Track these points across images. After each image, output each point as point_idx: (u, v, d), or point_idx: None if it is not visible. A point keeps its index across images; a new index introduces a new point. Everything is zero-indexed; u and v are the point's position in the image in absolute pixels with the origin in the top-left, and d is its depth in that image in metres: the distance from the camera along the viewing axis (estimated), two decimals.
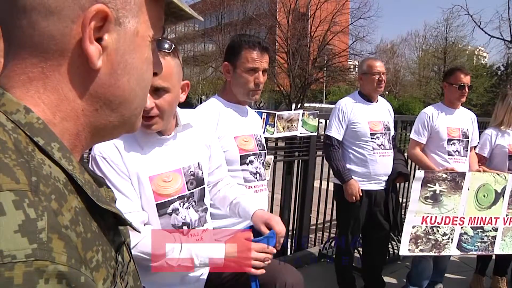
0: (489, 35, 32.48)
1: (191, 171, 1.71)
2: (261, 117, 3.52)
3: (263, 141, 2.50)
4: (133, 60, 0.61)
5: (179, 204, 1.65)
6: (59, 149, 0.55)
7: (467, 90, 3.41)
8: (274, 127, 3.67)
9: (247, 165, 2.29)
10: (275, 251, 1.67)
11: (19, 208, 0.44)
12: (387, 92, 36.46)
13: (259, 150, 2.37)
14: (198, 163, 1.76)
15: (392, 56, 40.32)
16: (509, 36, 31.37)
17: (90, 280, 0.48)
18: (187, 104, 1.94)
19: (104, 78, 0.59)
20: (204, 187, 1.77)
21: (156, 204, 1.59)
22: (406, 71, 39.76)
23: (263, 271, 1.62)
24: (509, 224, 3.40)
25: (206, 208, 1.78)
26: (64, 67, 0.56)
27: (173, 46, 1.53)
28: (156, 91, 1.51)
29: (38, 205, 0.46)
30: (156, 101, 1.52)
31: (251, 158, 2.31)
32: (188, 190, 1.69)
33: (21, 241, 0.43)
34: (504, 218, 3.37)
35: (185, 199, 1.68)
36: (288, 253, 4.18)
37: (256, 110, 3.41)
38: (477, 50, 39.57)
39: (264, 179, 2.43)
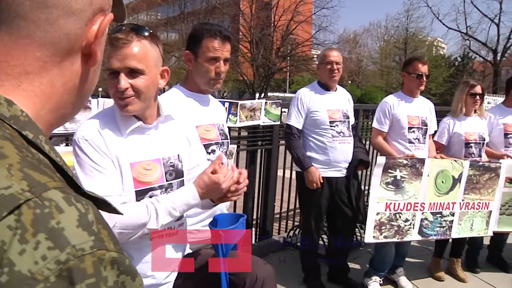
0: (447, 26, 33.54)
1: (170, 162, 1.72)
2: (224, 106, 3.49)
3: (226, 130, 2.48)
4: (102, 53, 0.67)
5: (160, 193, 1.66)
6: (45, 141, 0.57)
7: (424, 79, 3.49)
8: (236, 116, 3.65)
9: (209, 154, 2.27)
10: (245, 173, 1.69)
11: (71, 204, 0.48)
12: (350, 82, 37.03)
13: (221, 140, 2.36)
14: (178, 155, 1.76)
15: (354, 46, 40.93)
16: (465, 29, 32.46)
17: (131, 262, 0.52)
18: None
19: (91, 75, 0.65)
20: (183, 180, 1.77)
21: (135, 191, 1.61)
22: (368, 61, 40.45)
23: (239, 196, 1.69)
24: (465, 209, 3.52)
25: None
26: (65, 63, 0.61)
27: (151, 32, 1.57)
28: (132, 73, 1.54)
29: (81, 200, 0.50)
30: (131, 81, 1.54)
31: (213, 147, 2.30)
32: (167, 180, 1.70)
33: (83, 234, 0.47)
34: (460, 203, 3.49)
35: (164, 189, 1.68)
36: (253, 242, 4.19)
37: (219, 100, 3.39)
38: (436, 41, 40.67)
39: None
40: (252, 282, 1.73)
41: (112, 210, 0.60)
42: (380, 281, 3.54)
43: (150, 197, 1.63)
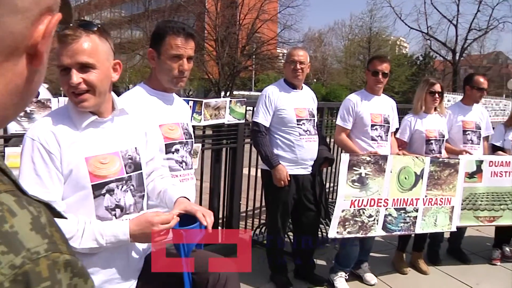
0: (409, 26, 34.43)
1: (129, 155, 1.73)
2: (188, 105, 3.46)
3: (191, 129, 2.46)
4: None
5: (116, 186, 1.66)
6: None
7: (381, 76, 3.54)
8: (201, 115, 3.62)
9: (173, 153, 2.25)
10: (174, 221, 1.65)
11: (23, 207, 0.48)
12: (315, 80, 37.42)
13: (185, 139, 2.33)
14: (136, 148, 1.77)
15: (319, 44, 41.36)
16: (426, 29, 33.43)
17: (83, 264, 0.53)
18: (116, 93, 1.91)
19: (36, 76, 0.62)
20: (142, 172, 1.78)
21: (92, 185, 1.60)
22: (333, 60, 40.97)
23: (166, 237, 1.63)
24: (429, 205, 3.61)
25: (144, 195, 1.79)
26: (8, 63, 0.57)
27: (99, 26, 1.58)
28: (83, 68, 1.53)
29: (32, 203, 0.50)
30: (83, 76, 1.53)
31: (177, 146, 2.27)
32: (127, 173, 1.70)
33: (37, 237, 0.47)
34: (423, 199, 3.57)
35: (124, 181, 1.69)
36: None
37: (184, 98, 3.35)
38: (399, 40, 41.64)
39: (191, 168, 2.40)
40: (215, 280, 1.73)
41: (56, 214, 0.58)
42: (345, 276, 3.58)
43: (107, 191, 1.62)
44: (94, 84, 1.55)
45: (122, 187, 1.67)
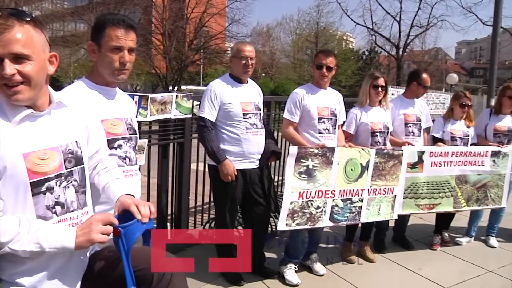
0: (354, 22, 35.45)
1: (69, 149, 1.66)
2: (133, 100, 3.37)
3: (135, 125, 2.39)
4: None
5: (56, 183, 1.58)
6: None
7: (325, 70, 3.59)
8: (147, 110, 3.54)
9: (115, 149, 2.21)
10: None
11: None
12: (263, 74, 37.63)
13: (129, 134, 2.28)
14: (76, 141, 1.70)
15: (268, 39, 41.60)
16: (371, 24, 34.44)
17: None
18: (59, 88, 1.83)
19: None
20: (83, 167, 1.71)
21: (30, 182, 1.51)
22: (281, 54, 41.33)
23: (106, 237, 1.57)
24: (373, 195, 3.71)
25: (86, 190, 1.72)
26: None
27: (33, 16, 1.50)
28: (17, 59, 1.45)
29: None
30: (18, 67, 1.46)
31: (120, 142, 2.22)
32: (66, 168, 1.63)
33: None
34: (368, 189, 3.67)
35: (63, 177, 1.62)
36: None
37: (130, 93, 3.26)
38: (345, 35, 42.58)
39: (135, 164, 2.35)
40: (160, 276, 1.69)
41: None
42: (295, 268, 3.63)
43: (47, 188, 1.55)
44: (30, 75, 1.47)
45: (62, 183, 1.60)
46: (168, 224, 4.14)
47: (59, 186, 1.60)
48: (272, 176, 3.99)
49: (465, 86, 39.98)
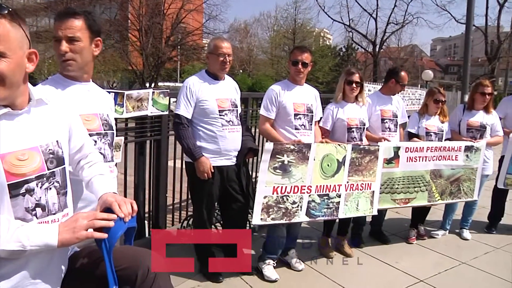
0: (332, 18, 35.79)
1: (50, 149, 1.59)
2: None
3: (112, 121, 2.36)
4: None
5: (36, 185, 1.52)
6: None
7: (301, 66, 3.61)
8: (123, 107, 3.50)
9: None
10: (115, 216, 1.59)
11: None
12: (241, 71, 37.59)
13: (104, 130, 2.25)
14: (57, 141, 1.64)
15: (245, 35, 41.59)
16: (348, 21, 34.81)
17: None
18: (33, 86, 1.78)
19: None
20: (64, 167, 1.65)
21: (8, 184, 1.44)
22: (259, 50, 41.36)
23: (91, 234, 1.53)
24: (350, 190, 3.75)
25: (67, 192, 1.67)
26: None
27: (10, 9, 1.41)
28: None
29: None
30: None
31: (94, 138, 2.19)
32: (48, 169, 1.57)
33: None
34: (345, 185, 3.70)
35: (45, 179, 1.56)
36: (146, 235, 4.08)
37: (107, 90, 3.21)
38: (323, 32, 42.86)
39: (111, 161, 2.33)
40: (144, 274, 1.67)
41: None
42: (273, 264, 3.64)
43: (27, 190, 1.49)
44: (4, 74, 1.39)
45: (43, 184, 1.54)
46: (146, 222, 4.10)
47: (40, 187, 1.54)
48: (250, 173, 3.99)
49: (440, 83, 40.65)
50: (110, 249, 1.57)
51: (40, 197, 1.54)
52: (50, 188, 1.58)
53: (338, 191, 3.68)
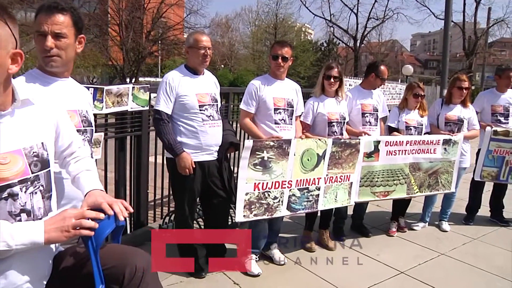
0: (313, 13, 35.93)
1: (34, 152, 1.54)
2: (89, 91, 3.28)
3: (91, 117, 2.32)
4: None
5: (20, 189, 1.48)
6: None
7: (281, 60, 3.61)
8: (102, 102, 3.46)
9: None
10: (103, 215, 1.55)
11: None
12: (222, 66, 37.47)
13: (84, 127, 2.22)
14: (43, 143, 1.59)
15: (227, 30, 41.46)
16: (329, 16, 34.97)
17: None
18: None
19: None
20: (49, 170, 1.61)
21: None
22: (240, 45, 41.29)
23: (91, 232, 1.50)
24: (329, 183, 3.78)
25: (51, 195, 1.63)
26: None
27: None
28: None
29: None
30: None
31: None
32: (33, 172, 1.51)
33: None
34: (325, 177, 3.73)
35: (29, 183, 1.51)
36: (128, 231, 4.05)
37: (85, 86, 3.17)
38: (304, 27, 42.94)
39: (91, 157, 2.28)
40: (132, 273, 1.63)
41: None
42: (256, 258, 3.65)
43: (9, 194, 1.45)
44: None
45: (28, 188, 1.50)
46: (127, 219, 4.07)
47: (25, 192, 1.50)
48: (232, 168, 3.99)
49: (420, 77, 41.18)
50: (97, 247, 1.54)
51: (26, 202, 1.50)
52: (36, 193, 1.54)
53: (318, 184, 3.71)
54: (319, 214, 4.18)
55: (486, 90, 5.78)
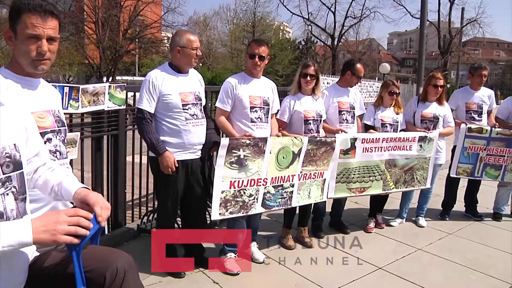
0: (291, 12, 35.95)
1: (6, 153, 1.50)
2: (63, 92, 3.23)
3: (63, 116, 2.28)
4: None
5: None
6: None
7: (257, 59, 3.62)
8: (78, 101, 3.41)
9: (45, 143, 2.08)
10: (90, 215, 1.49)
11: None
12: (201, 64, 37.30)
13: (58, 127, 2.18)
14: (15, 144, 1.55)
15: (205, 28, 41.21)
16: (307, 14, 35.16)
17: None
18: None
19: None
20: (22, 172, 1.57)
21: None
22: (219, 44, 41.11)
23: (71, 239, 1.43)
24: (303, 180, 3.82)
25: (25, 198, 1.58)
26: None
27: None
28: None
29: None
30: None
31: (49, 135, 2.11)
32: (4, 173, 1.48)
33: None
34: (299, 175, 3.76)
35: (0, 184, 1.47)
36: (106, 232, 4.01)
37: (60, 85, 3.12)
38: (282, 25, 43.04)
39: (66, 157, 2.26)
40: (113, 275, 1.60)
41: None
42: (234, 256, 3.65)
43: None
44: None
45: None
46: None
47: None
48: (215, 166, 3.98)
49: (396, 75, 41.73)
50: (80, 250, 1.50)
51: None
52: (7, 194, 1.50)
53: (292, 181, 3.74)
54: (297, 211, 4.20)
55: (461, 88, 5.89)
